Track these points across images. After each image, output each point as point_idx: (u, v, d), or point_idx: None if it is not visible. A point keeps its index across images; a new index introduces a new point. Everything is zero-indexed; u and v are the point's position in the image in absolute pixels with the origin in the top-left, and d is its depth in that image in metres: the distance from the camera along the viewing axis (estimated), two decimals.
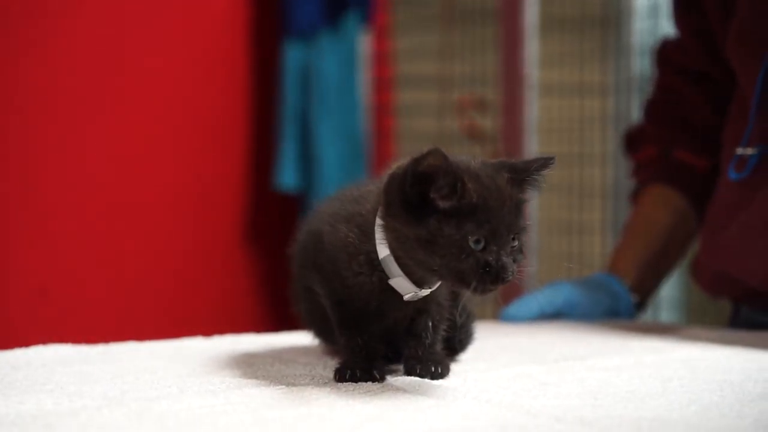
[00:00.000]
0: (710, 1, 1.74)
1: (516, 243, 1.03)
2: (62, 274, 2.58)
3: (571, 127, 2.86)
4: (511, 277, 1.01)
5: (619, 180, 2.83)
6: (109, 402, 0.96)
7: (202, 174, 2.88)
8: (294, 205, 3.03)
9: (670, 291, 2.71)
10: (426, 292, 1.09)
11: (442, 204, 1.00)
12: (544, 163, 1.06)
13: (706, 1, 1.75)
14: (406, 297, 1.08)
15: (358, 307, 1.11)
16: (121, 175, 2.68)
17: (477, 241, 1.00)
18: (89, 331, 2.32)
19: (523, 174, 1.05)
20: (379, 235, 1.06)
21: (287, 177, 2.94)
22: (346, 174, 2.96)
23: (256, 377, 1.10)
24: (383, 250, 1.06)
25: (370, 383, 1.07)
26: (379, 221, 1.05)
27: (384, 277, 1.07)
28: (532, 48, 2.79)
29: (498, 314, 1.71)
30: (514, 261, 1.03)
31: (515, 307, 1.68)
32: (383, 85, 3.14)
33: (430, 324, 1.14)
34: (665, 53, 1.90)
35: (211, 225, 2.92)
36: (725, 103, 1.75)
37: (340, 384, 1.07)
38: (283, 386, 1.04)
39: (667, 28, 2.75)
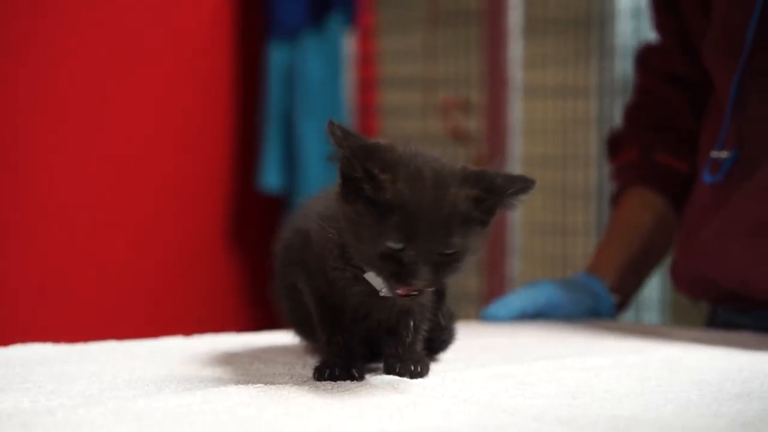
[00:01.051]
0: (688, 4, 1.75)
1: (452, 255, 0.99)
2: (45, 273, 2.58)
3: (555, 128, 2.87)
4: (423, 284, 0.99)
5: (602, 182, 2.84)
6: (86, 401, 0.96)
7: (186, 174, 2.88)
8: (277, 206, 3.03)
9: (651, 292, 2.72)
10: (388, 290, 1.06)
11: (367, 190, 0.99)
12: (524, 187, 1.02)
13: (684, 4, 1.76)
14: (381, 292, 1.07)
15: (340, 304, 1.11)
16: (104, 175, 2.68)
17: (395, 241, 0.98)
18: (71, 329, 2.31)
19: (497, 194, 1.01)
20: None
21: (271, 177, 2.94)
22: (329, 175, 2.94)
23: (235, 376, 1.10)
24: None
25: (349, 382, 1.07)
26: None
27: (358, 273, 1.07)
28: (515, 49, 2.80)
29: (480, 314, 1.71)
30: (439, 270, 0.99)
31: (496, 307, 1.68)
32: (367, 85, 3.14)
33: (412, 323, 1.14)
34: (645, 56, 1.91)
35: (194, 225, 2.92)
36: (704, 106, 1.76)
37: (319, 383, 1.07)
38: (262, 385, 1.04)
39: (650, 30, 2.77)
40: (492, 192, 1.00)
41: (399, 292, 1.00)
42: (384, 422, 0.91)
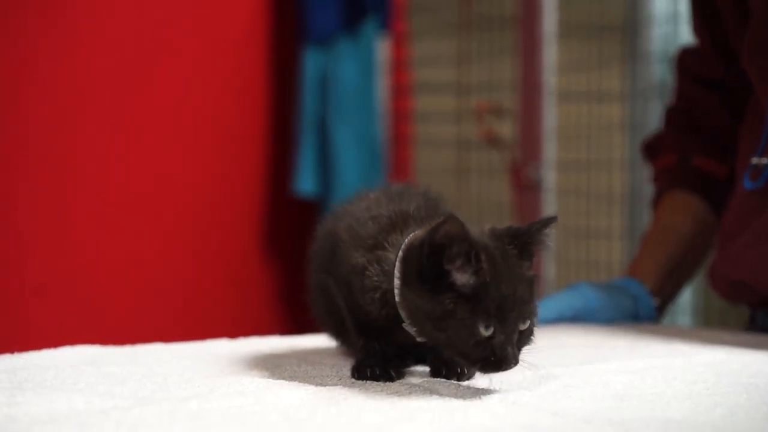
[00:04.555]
0: (727, 9, 1.75)
1: (526, 325, 1.04)
2: (77, 277, 2.59)
3: (588, 134, 2.87)
4: (512, 367, 1.02)
5: (635, 186, 2.83)
6: (140, 402, 0.97)
7: (221, 178, 2.89)
8: (312, 211, 3.03)
9: (686, 296, 2.71)
10: None
11: (459, 279, 1.01)
12: (546, 222, 1.06)
13: (723, 9, 1.76)
14: (419, 339, 1.08)
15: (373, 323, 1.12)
16: (141, 180, 2.69)
17: (487, 327, 1.01)
18: (105, 334, 2.32)
19: (525, 238, 1.05)
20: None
21: (305, 183, 2.95)
22: (363, 180, 2.96)
23: (284, 378, 1.11)
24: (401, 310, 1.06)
25: (398, 384, 1.08)
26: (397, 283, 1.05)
27: (393, 312, 1.07)
28: (550, 54, 2.80)
29: None
30: (522, 344, 1.04)
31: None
32: (401, 91, 3.15)
33: None
34: (683, 61, 1.91)
35: (229, 230, 2.93)
36: (743, 111, 1.76)
37: (368, 385, 1.07)
38: (312, 386, 1.05)
39: (685, 34, 2.76)
40: (520, 237, 1.04)
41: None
42: (435, 424, 0.92)
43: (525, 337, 1.04)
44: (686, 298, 2.71)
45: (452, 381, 1.10)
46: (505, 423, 0.92)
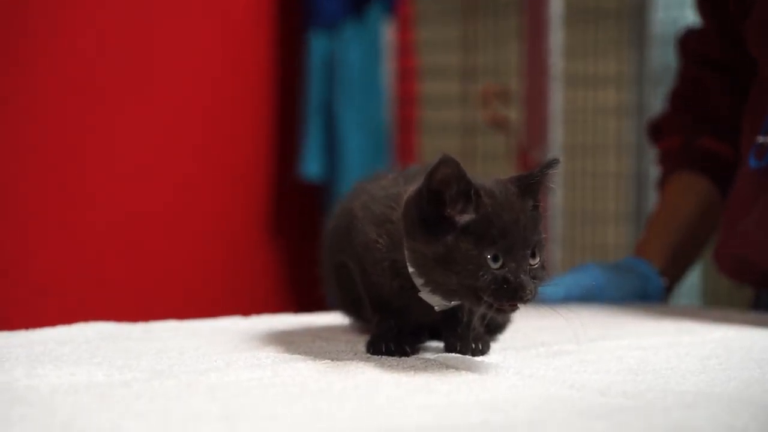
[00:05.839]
0: None
1: (536, 260, 1.03)
2: (86, 262, 2.60)
3: (594, 117, 2.87)
4: (530, 296, 1.00)
5: (638, 170, 2.84)
6: (158, 374, 0.98)
7: (227, 162, 2.90)
8: (318, 194, 3.04)
9: (690, 278, 2.71)
10: (456, 302, 1.09)
11: (459, 218, 1.00)
12: (548, 164, 1.05)
13: None
14: (437, 308, 1.09)
15: (388, 298, 1.12)
16: (145, 164, 2.70)
17: (495, 258, 1.00)
18: (114, 317, 2.33)
19: (529, 180, 1.04)
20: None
21: (311, 166, 2.95)
22: (369, 164, 2.97)
23: (299, 353, 1.12)
24: (411, 267, 1.06)
25: (414, 359, 1.08)
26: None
27: (405, 284, 1.08)
28: (556, 38, 2.80)
29: None
30: (535, 278, 1.02)
31: (542, 288, 1.68)
32: (407, 75, 3.15)
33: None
34: (687, 43, 1.91)
35: (236, 213, 2.94)
36: (747, 91, 1.76)
37: (383, 360, 1.08)
38: (328, 361, 1.05)
39: (689, 18, 2.76)
40: (524, 180, 1.04)
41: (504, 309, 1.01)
42: (452, 396, 0.92)
43: (538, 271, 1.03)
44: (690, 280, 2.72)
45: (467, 356, 1.11)
46: (523, 394, 0.93)
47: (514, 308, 1.01)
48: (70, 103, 2.53)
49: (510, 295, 0.99)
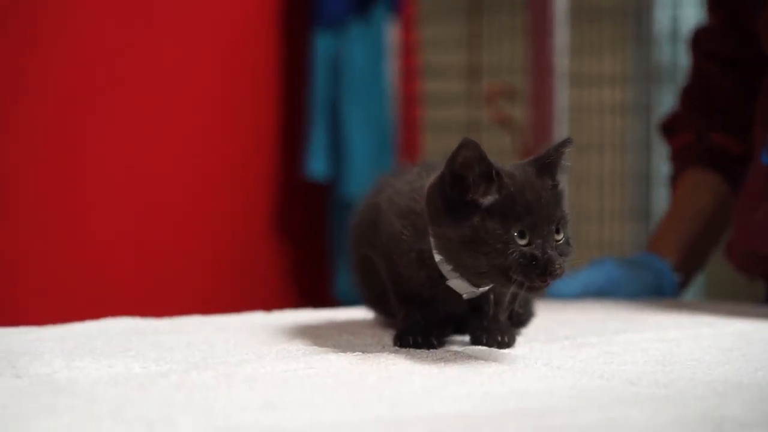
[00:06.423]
0: None
1: (561, 236, 1.04)
2: (86, 261, 2.61)
3: (597, 116, 2.89)
4: (559, 271, 1.02)
5: (642, 168, 2.86)
6: (194, 366, 0.99)
7: (232, 161, 2.91)
8: (323, 192, 3.05)
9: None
10: (484, 289, 1.10)
11: (483, 200, 1.02)
12: (562, 144, 1.08)
13: None
14: (465, 296, 1.10)
15: (414, 291, 1.13)
16: (151, 163, 2.70)
17: (521, 235, 1.01)
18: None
19: (544, 160, 1.06)
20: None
21: (317, 165, 2.96)
22: (374, 163, 2.98)
23: (329, 346, 1.13)
24: (438, 255, 1.08)
25: (443, 351, 1.10)
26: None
27: (432, 273, 1.09)
28: (561, 36, 2.81)
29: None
30: (562, 254, 1.03)
31: (558, 284, 1.69)
32: (411, 74, 3.16)
33: (492, 296, 1.16)
34: (698, 39, 1.93)
35: (241, 212, 2.95)
36: (758, 88, 1.77)
37: (412, 352, 1.09)
38: (359, 353, 1.07)
39: (688, 17, 2.79)
40: (539, 160, 1.06)
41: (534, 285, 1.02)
42: (486, 386, 0.93)
43: (564, 247, 1.04)
44: (699, 278, 2.74)
45: (493, 348, 1.12)
46: (554, 385, 0.94)
47: (544, 284, 1.02)
48: (74, 103, 2.53)
49: (540, 270, 1.01)
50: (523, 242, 1.01)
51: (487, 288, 1.10)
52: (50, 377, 0.93)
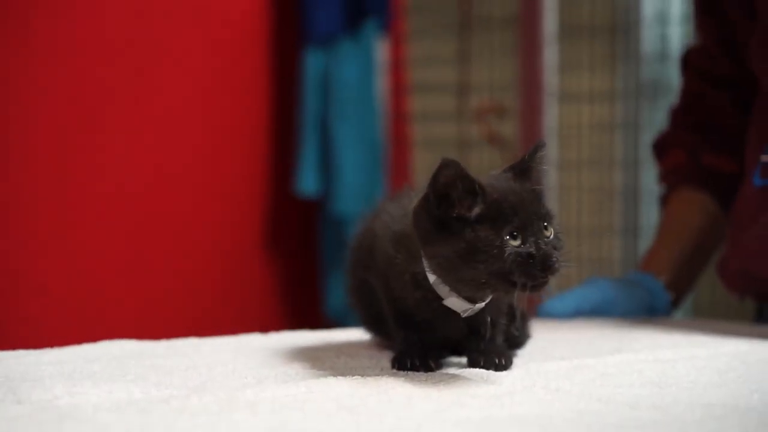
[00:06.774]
0: (732, 5, 1.78)
1: (550, 231, 1.06)
2: (79, 277, 2.60)
3: (586, 133, 2.90)
4: (557, 265, 1.04)
5: (631, 184, 2.87)
6: (194, 391, 0.99)
7: (223, 178, 2.91)
8: (313, 210, 3.06)
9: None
10: (481, 305, 1.11)
11: (469, 213, 1.04)
12: (536, 149, 1.10)
13: (727, 5, 1.79)
14: (463, 314, 1.11)
15: (411, 313, 1.14)
16: (142, 179, 2.71)
17: (513, 236, 1.03)
18: (107, 333, 2.34)
19: (521, 166, 1.09)
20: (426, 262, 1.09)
21: (307, 182, 2.97)
22: (364, 180, 2.99)
23: (327, 368, 1.13)
24: (432, 276, 1.09)
25: (442, 373, 1.10)
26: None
27: (427, 294, 1.10)
28: (551, 54, 2.83)
29: (535, 311, 1.73)
30: (555, 249, 1.05)
31: (552, 303, 1.70)
32: (400, 91, 3.17)
33: (489, 319, 1.16)
34: (689, 59, 1.94)
35: (230, 228, 2.95)
36: (750, 108, 1.79)
37: (411, 375, 1.10)
38: (358, 377, 1.07)
39: (674, 35, 2.81)
40: (516, 166, 1.09)
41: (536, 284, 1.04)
42: (485, 410, 0.94)
43: (556, 242, 1.06)
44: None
45: (491, 371, 1.13)
46: (554, 409, 0.95)
47: (545, 280, 1.04)
48: (70, 119, 2.54)
49: (539, 266, 1.03)
50: (516, 243, 1.03)
51: (483, 303, 1.11)
52: (51, 403, 0.93)
